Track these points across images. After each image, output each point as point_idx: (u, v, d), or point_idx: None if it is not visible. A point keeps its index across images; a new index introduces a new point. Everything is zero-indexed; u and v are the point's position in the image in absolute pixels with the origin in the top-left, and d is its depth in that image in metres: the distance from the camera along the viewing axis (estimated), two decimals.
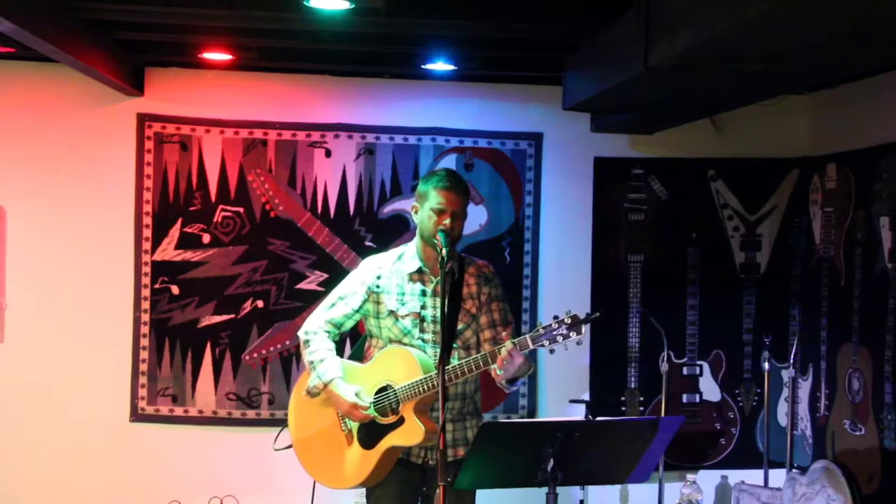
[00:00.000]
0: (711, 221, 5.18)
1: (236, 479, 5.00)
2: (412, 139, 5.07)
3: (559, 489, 2.97)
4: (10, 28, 3.40)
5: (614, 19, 3.62)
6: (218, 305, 4.99)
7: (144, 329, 4.97)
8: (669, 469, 5.03)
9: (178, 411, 5.01)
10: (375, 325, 3.65)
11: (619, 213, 5.16)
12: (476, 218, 5.02)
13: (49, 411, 4.94)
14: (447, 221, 3.45)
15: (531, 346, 3.30)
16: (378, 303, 3.62)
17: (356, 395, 3.49)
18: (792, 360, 5.04)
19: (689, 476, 4.84)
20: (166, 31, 4.22)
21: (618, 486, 5.10)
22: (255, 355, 5.03)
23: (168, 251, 4.97)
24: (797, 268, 5.11)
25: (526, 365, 3.36)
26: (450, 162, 5.06)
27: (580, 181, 5.14)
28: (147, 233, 4.97)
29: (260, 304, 5.01)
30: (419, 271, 3.60)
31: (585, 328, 3.29)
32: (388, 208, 5.06)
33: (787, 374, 5.06)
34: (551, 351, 3.32)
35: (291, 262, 5.02)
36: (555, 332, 3.28)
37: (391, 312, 3.59)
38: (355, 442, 3.55)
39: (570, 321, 3.27)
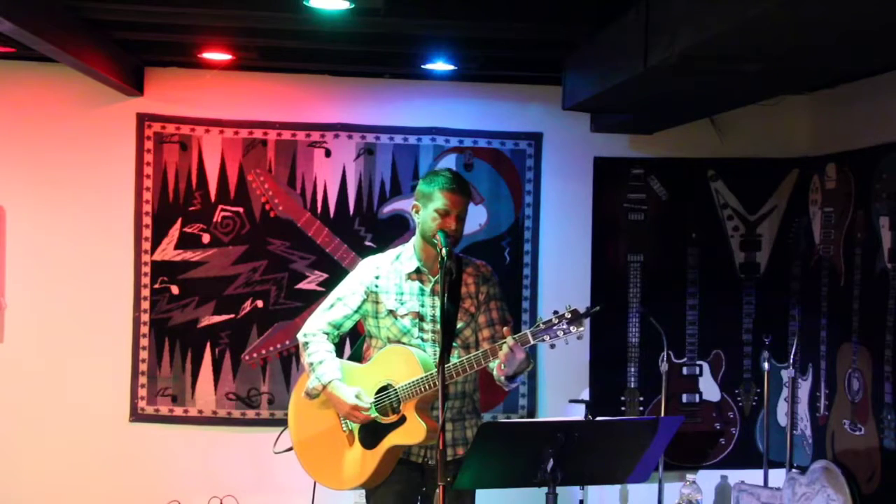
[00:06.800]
0: (711, 221, 5.18)
1: (236, 479, 5.00)
2: (412, 139, 5.07)
3: (559, 489, 2.97)
4: (10, 28, 3.40)
5: (614, 19, 3.62)
6: (217, 305, 4.99)
7: (144, 329, 4.97)
8: (669, 469, 5.03)
9: (178, 411, 5.01)
10: (374, 325, 3.65)
11: (619, 212, 5.16)
12: (476, 218, 5.03)
13: (49, 411, 4.94)
14: (452, 226, 3.46)
15: (532, 342, 3.30)
16: (377, 303, 3.63)
17: (356, 396, 3.49)
18: (791, 360, 5.04)
19: (689, 476, 4.84)
20: (166, 31, 4.22)
21: (618, 486, 5.10)
22: (255, 355, 5.03)
23: (168, 251, 4.97)
24: (797, 268, 5.12)
25: (526, 361, 3.37)
26: (450, 162, 5.06)
27: (580, 181, 5.15)
28: (147, 233, 4.97)
29: (260, 304, 5.01)
30: (417, 271, 3.60)
31: (585, 322, 3.30)
32: (388, 208, 5.06)
33: (786, 374, 5.06)
34: (552, 346, 3.32)
35: (291, 262, 5.02)
36: (555, 327, 3.28)
37: (390, 312, 3.59)
38: (357, 442, 3.55)
39: (570, 315, 3.27)
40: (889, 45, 3.09)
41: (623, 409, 5.16)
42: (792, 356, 5.04)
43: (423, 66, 4.73)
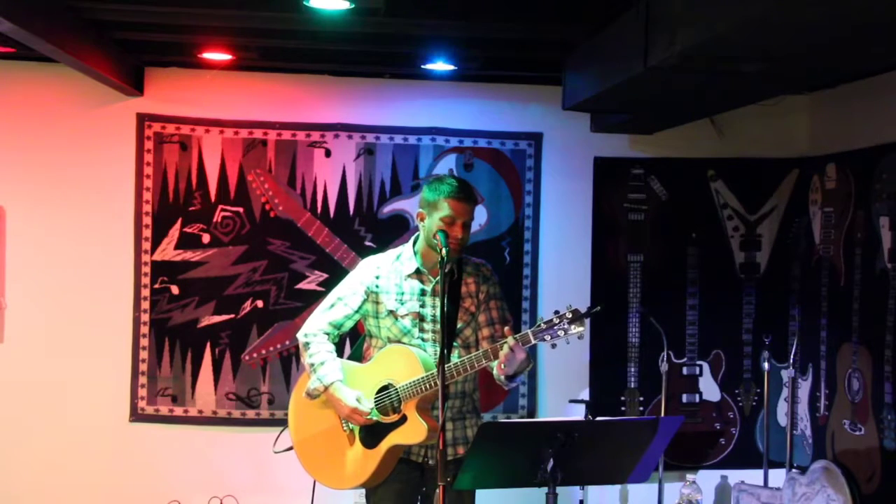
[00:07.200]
0: (711, 221, 5.18)
1: (236, 479, 5.00)
2: (412, 139, 5.07)
3: (559, 489, 2.97)
4: (10, 28, 3.40)
5: (614, 19, 3.63)
6: (218, 305, 4.99)
7: (144, 329, 4.97)
8: (669, 469, 5.03)
9: (178, 411, 5.01)
10: (375, 325, 3.65)
11: (619, 213, 5.16)
12: (476, 218, 4.94)
13: (49, 411, 4.94)
14: (459, 234, 3.46)
15: (533, 341, 3.31)
16: (377, 303, 3.63)
17: (357, 399, 3.49)
18: (792, 360, 5.04)
19: (689, 476, 4.84)
20: (166, 31, 4.22)
21: (618, 486, 5.10)
22: (255, 355, 5.03)
23: (168, 251, 4.97)
24: (797, 268, 5.12)
25: (527, 361, 3.37)
26: (450, 162, 5.06)
27: (580, 181, 5.15)
28: (147, 233, 4.97)
29: (260, 304, 5.01)
30: (417, 272, 3.60)
31: (586, 322, 3.31)
32: (388, 208, 5.06)
33: (786, 374, 5.06)
34: (553, 346, 3.33)
35: (291, 262, 5.02)
36: (556, 327, 3.29)
37: (390, 312, 3.60)
38: (357, 442, 3.55)
39: (571, 315, 3.28)
40: (889, 45, 3.09)
41: (623, 409, 5.16)
42: (792, 356, 5.04)
43: (423, 66, 4.72)
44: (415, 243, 3.65)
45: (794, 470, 4.78)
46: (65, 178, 4.95)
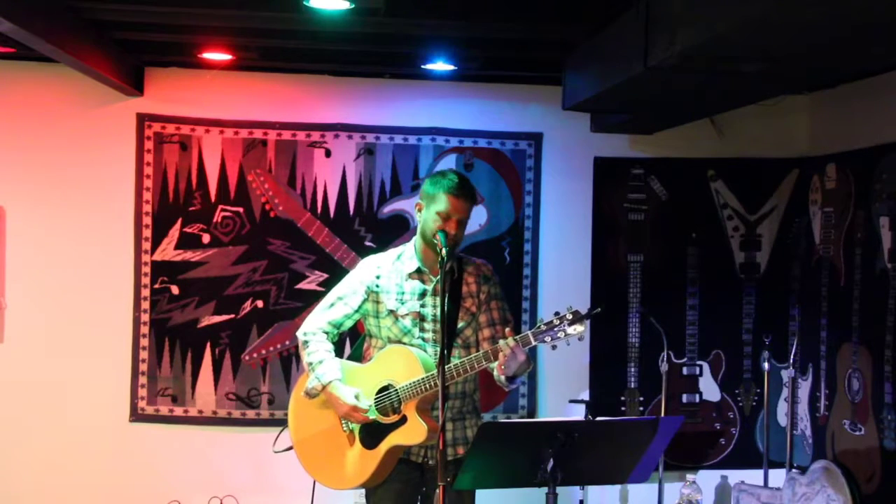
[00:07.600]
0: (711, 221, 5.18)
1: (236, 479, 5.00)
2: (412, 139, 5.07)
3: (559, 489, 2.97)
4: (10, 28, 3.40)
5: (614, 19, 3.63)
6: (218, 305, 4.99)
7: (144, 329, 4.97)
8: (669, 469, 5.03)
9: (178, 411, 5.01)
10: (375, 324, 3.65)
11: (619, 213, 5.16)
12: (476, 218, 5.01)
13: (49, 411, 4.94)
14: (452, 230, 3.46)
15: (533, 343, 3.31)
16: (377, 302, 3.62)
17: (355, 397, 3.49)
18: (792, 360, 5.04)
19: (689, 476, 4.84)
20: (166, 31, 4.23)
21: (618, 486, 5.10)
22: (255, 355, 5.03)
23: (168, 251, 4.97)
24: (797, 268, 5.12)
25: (527, 362, 3.37)
26: (450, 162, 5.06)
27: (580, 181, 5.15)
28: (147, 233, 4.97)
29: (260, 304, 5.01)
30: (418, 271, 3.60)
31: (586, 323, 3.30)
32: (388, 208, 5.06)
33: (786, 374, 5.06)
34: (553, 347, 3.33)
35: (291, 262, 5.02)
36: (556, 329, 3.28)
37: (391, 312, 3.59)
38: (357, 442, 3.55)
39: (571, 317, 3.28)
40: (889, 45, 3.09)
41: (623, 409, 5.16)
42: (792, 356, 5.04)
43: (423, 66, 4.72)
44: (416, 243, 3.65)
45: (794, 470, 4.78)
46: (65, 178, 4.95)
